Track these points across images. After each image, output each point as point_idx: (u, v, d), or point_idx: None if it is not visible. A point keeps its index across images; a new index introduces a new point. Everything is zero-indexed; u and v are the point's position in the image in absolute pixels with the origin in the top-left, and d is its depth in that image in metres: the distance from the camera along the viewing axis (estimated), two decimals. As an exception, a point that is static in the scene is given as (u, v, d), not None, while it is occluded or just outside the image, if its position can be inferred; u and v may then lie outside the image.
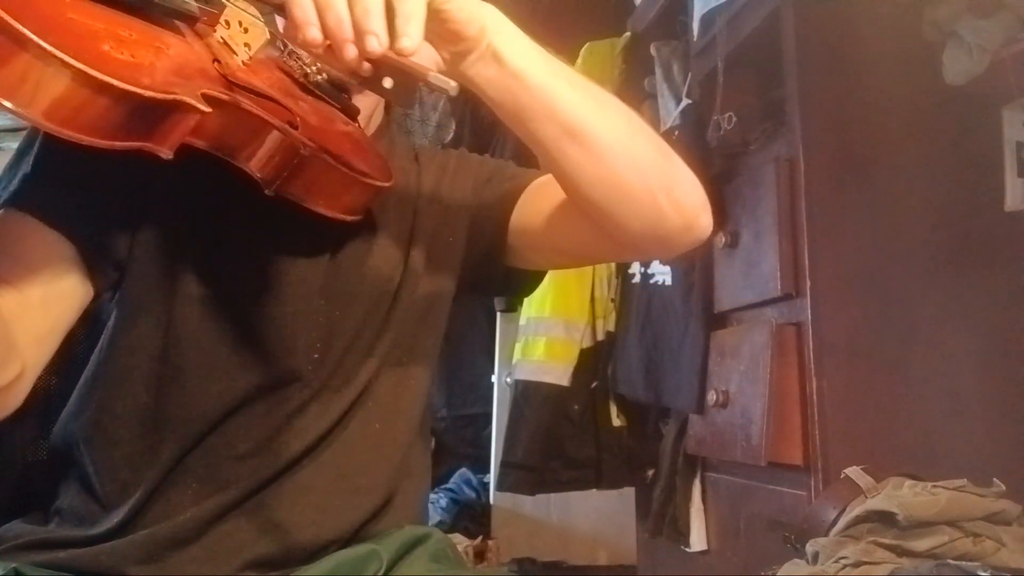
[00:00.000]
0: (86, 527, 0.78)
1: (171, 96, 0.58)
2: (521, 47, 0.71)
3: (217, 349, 0.79)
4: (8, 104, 0.53)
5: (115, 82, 0.54)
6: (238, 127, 0.66)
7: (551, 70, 0.73)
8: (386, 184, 0.77)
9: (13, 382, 0.69)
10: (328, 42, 0.63)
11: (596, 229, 0.81)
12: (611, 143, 0.74)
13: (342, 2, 0.62)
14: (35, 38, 0.52)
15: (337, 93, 0.81)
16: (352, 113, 0.83)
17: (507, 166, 0.96)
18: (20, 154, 0.77)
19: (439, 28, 0.67)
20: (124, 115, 0.56)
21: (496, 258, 0.92)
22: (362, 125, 0.85)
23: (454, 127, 3.48)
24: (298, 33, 0.63)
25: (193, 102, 0.59)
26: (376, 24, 0.62)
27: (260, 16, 0.74)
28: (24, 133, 0.80)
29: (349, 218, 0.77)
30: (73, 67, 0.53)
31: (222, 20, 0.72)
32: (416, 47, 0.62)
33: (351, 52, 0.62)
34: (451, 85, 0.63)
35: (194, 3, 0.68)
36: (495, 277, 0.94)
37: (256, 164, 0.68)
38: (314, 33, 0.62)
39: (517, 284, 0.97)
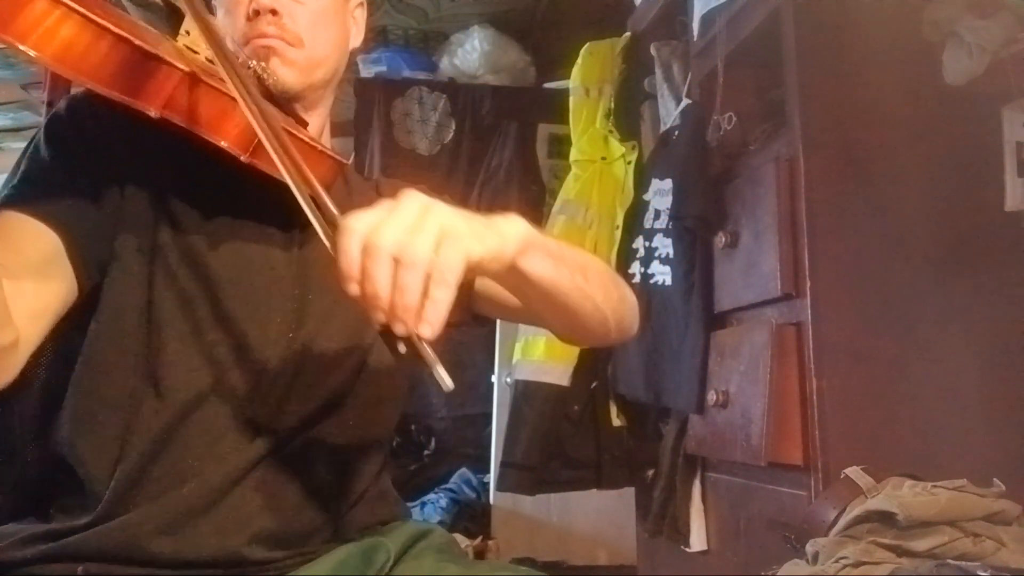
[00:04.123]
0: (88, 515, 0.79)
1: (157, 51, 0.68)
2: (540, 264, 0.77)
3: (198, 329, 0.84)
4: (23, 47, 0.62)
5: (114, 28, 0.65)
6: (210, 101, 0.74)
7: (559, 270, 0.81)
8: (347, 161, 0.87)
9: (8, 348, 0.74)
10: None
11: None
12: (589, 310, 0.87)
13: (386, 282, 0.64)
14: None
15: (288, 104, 0.90)
16: (301, 123, 0.90)
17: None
18: (8, 179, 0.84)
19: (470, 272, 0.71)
20: (119, 63, 0.67)
21: (464, 304, 0.99)
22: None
23: (454, 127, 3.48)
24: (339, 279, 0.66)
25: (175, 61, 0.70)
26: (410, 317, 0.64)
27: (215, 27, 0.81)
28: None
29: None
30: (80, 13, 0.64)
31: (183, 31, 0.80)
32: (433, 336, 0.65)
33: (379, 319, 0.65)
34: (449, 386, 0.66)
35: (159, 2, 0.77)
36: (461, 317, 1.01)
37: (227, 135, 0.75)
38: (352, 289, 0.65)
39: (482, 323, 1.05)
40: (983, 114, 1.61)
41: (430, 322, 0.65)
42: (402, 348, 0.67)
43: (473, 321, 1.04)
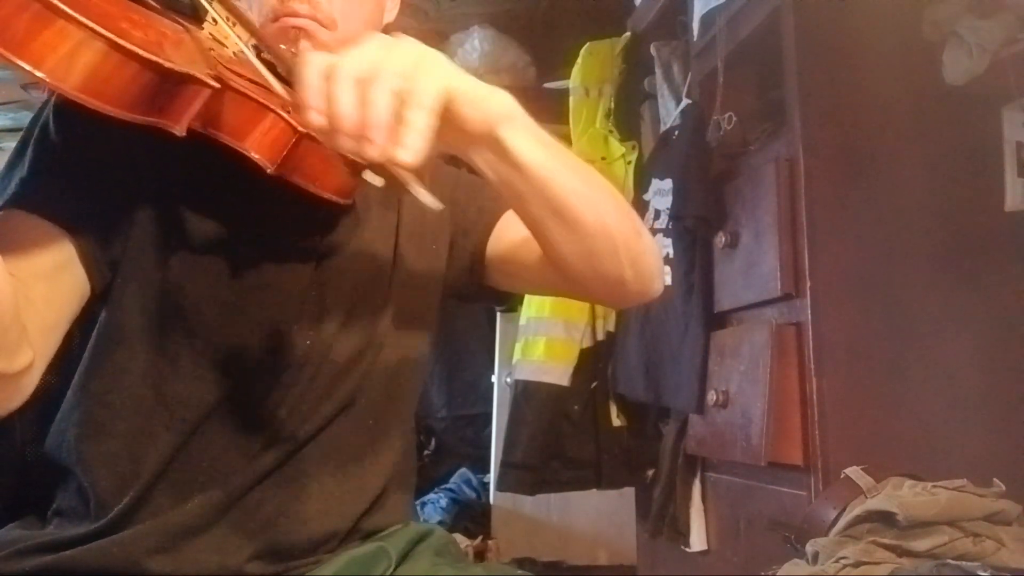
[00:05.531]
0: (88, 524, 0.78)
1: (186, 70, 0.60)
2: (527, 142, 0.71)
3: (211, 338, 0.81)
4: (40, 74, 0.54)
5: (141, 52, 0.57)
6: (238, 109, 0.68)
7: (550, 159, 0.73)
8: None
9: (25, 370, 0.71)
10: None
11: (560, 276, 0.86)
12: (593, 224, 0.78)
13: (351, 100, 0.58)
14: (68, 10, 0.54)
15: None
16: None
17: (485, 186, 0.98)
18: (12, 161, 0.79)
19: (445, 120, 0.64)
20: (144, 86, 0.59)
21: (475, 272, 0.96)
22: None
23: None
24: (299, 112, 0.61)
25: (204, 78, 0.62)
26: (379, 135, 0.58)
27: (245, 12, 0.76)
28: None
29: (341, 200, 0.78)
30: (103, 36, 0.55)
31: (209, 18, 0.74)
32: (414, 162, 0.59)
33: (347, 145, 0.59)
34: (435, 205, 0.61)
35: None
36: (473, 290, 0.98)
37: (255, 145, 0.69)
38: (316, 119, 0.59)
39: (495, 298, 1.01)
40: (983, 114, 1.61)
41: (407, 145, 0.58)
42: (369, 176, 0.61)
43: (487, 296, 1.00)
